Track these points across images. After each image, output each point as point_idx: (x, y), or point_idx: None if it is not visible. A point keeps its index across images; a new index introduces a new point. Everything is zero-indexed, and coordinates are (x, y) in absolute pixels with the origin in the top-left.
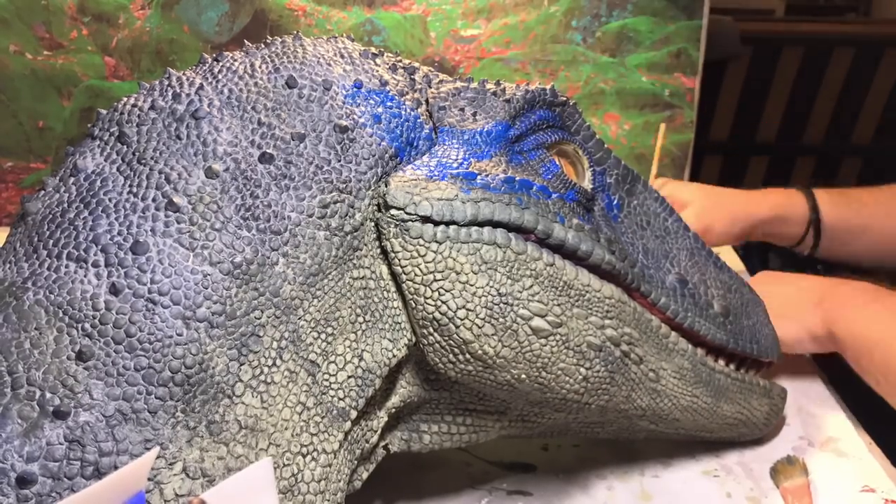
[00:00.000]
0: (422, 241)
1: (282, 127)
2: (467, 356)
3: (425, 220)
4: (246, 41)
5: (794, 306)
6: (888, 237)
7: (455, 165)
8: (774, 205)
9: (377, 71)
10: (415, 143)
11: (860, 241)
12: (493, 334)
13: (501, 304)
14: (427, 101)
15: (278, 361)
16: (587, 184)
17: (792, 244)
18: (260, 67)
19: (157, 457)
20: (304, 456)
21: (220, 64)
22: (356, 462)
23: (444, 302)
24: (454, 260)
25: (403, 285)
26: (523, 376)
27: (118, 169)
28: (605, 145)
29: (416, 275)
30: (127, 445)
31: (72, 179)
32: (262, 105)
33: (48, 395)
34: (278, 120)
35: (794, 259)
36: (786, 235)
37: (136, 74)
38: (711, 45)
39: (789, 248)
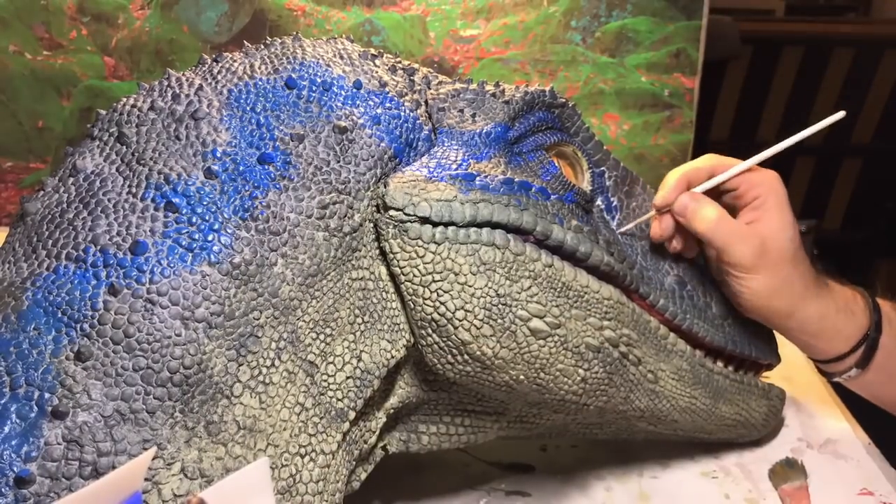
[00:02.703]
0: (420, 242)
1: (281, 128)
2: (466, 357)
3: (424, 220)
4: (245, 41)
5: None
6: None
7: (454, 167)
8: (827, 305)
9: (376, 72)
10: (414, 145)
11: None
12: (491, 335)
13: (500, 305)
14: (426, 102)
15: (277, 362)
16: (586, 185)
17: (824, 358)
18: (259, 68)
19: (156, 457)
20: (302, 457)
21: (220, 65)
22: (354, 463)
23: (442, 303)
24: (453, 261)
25: (402, 286)
26: (522, 377)
27: (117, 169)
28: (605, 147)
29: (414, 276)
30: (125, 446)
31: (71, 180)
32: (261, 106)
33: (47, 395)
34: (277, 121)
35: None
36: (819, 349)
37: (135, 74)
38: (711, 45)
39: (818, 365)
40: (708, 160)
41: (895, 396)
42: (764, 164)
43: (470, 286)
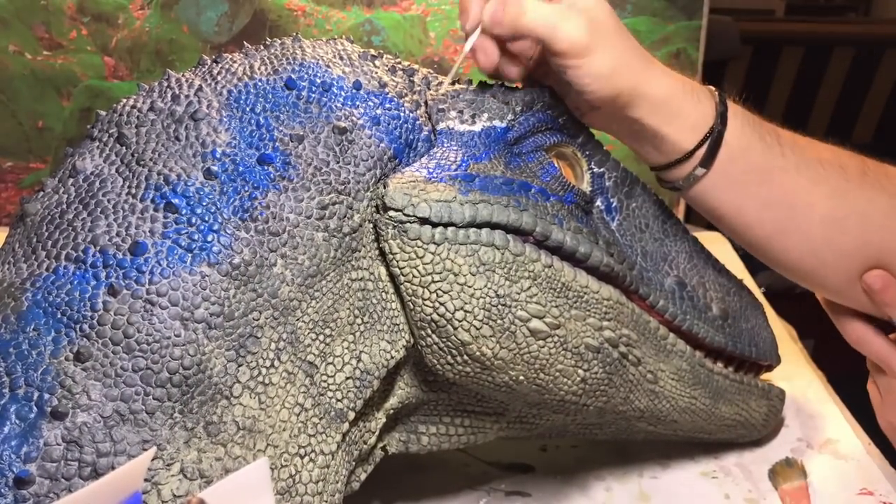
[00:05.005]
0: (420, 243)
1: (280, 128)
2: (465, 357)
3: (423, 221)
4: (245, 42)
5: None
6: (798, 216)
7: (453, 167)
8: (673, 84)
9: (376, 73)
10: (413, 145)
11: (756, 195)
12: (491, 336)
13: (499, 306)
14: (426, 102)
15: (276, 363)
16: (586, 186)
17: (668, 159)
18: (259, 69)
19: (155, 458)
20: (301, 457)
21: (219, 65)
22: (354, 463)
23: (442, 303)
24: (452, 261)
25: (402, 287)
26: (521, 378)
27: (117, 170)
28: (604, 147)
29: (414, 276)
30: (125, 446)
31: (70, 180)
32: (260, 107)
33: (46, 395)
34: (277, 121)
35: None
36: (666, 141)
37: (135, 74)
38: (711, 45)
39: (659, 174)
40: None
41: (734, 207)
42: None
43: (469, 287)
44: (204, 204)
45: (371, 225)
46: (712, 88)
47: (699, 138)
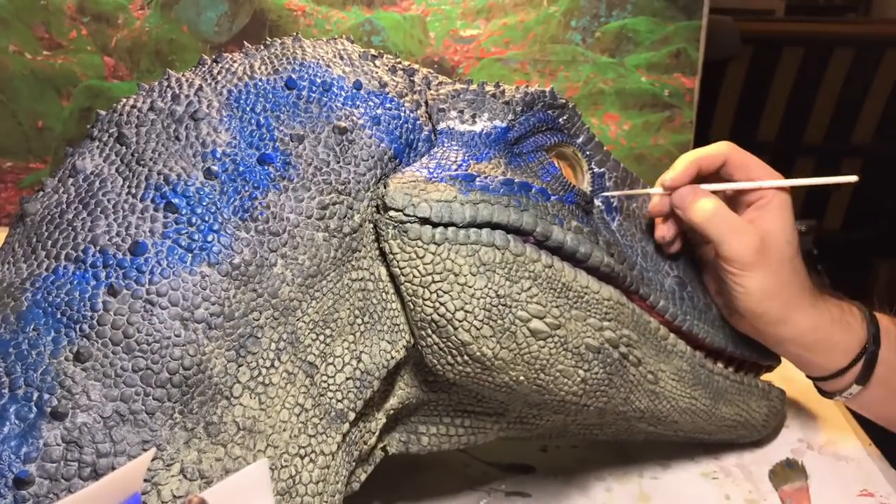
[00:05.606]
0: (420, 243)
1: (281, 128)
2: (465, 358)
3: (424, 221)
4: (245, 41)
5: None
6: None
7: (454, 167)
8: (820, 317)
9: (377, 73)
10: (414, 145)
11: None
12: (491, 336)
13: (500, 306)
14: (426, 102)
15: (276, 363)
16: (586, 186)
17: (822, 374)
18: (259, 69)
19: (155, 458)
20: (301, 458)
21: (220, 65)
22: (354, 464)
23: (442, 303)
24: (452, 261)
25: (402, 287)
26: (522, 378)
27: (117, 170)
28: (605, 148)
29: (414, 276)
30: (124, 447)
31: (70, 180)
32: (261, 106)
33: (46, 395)
34: (277, 121)
35: None
36: (813, 364)
37: (135, 74)
38: (711, 45)
39: (816, 384)
40: (723, 148)
41: None
42: (782, 163)
43: (470, 287)
44: (204, 204)
45: (371, 225)
46: (861, 307)
47: (851, 359)
